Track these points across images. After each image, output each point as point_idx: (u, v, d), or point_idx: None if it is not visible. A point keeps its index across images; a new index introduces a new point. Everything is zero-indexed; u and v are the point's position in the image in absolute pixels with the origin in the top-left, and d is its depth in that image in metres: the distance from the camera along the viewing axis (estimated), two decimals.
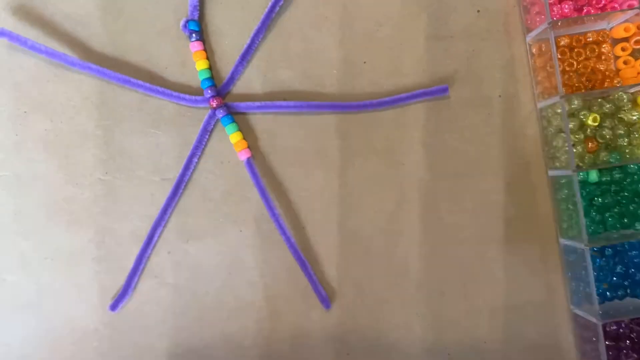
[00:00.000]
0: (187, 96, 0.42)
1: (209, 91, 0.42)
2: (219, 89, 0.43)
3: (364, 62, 0.44)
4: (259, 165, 0.43)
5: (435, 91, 0.42)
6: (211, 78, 0.42)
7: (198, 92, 0.43)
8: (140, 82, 0.42)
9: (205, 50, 0.43)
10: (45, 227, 0.43)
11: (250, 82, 0.43)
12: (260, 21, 0.42)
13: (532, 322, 0.43)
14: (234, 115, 0.43)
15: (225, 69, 0.43)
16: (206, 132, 0.42)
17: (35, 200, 0.43)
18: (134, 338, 0.43)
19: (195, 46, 0.42)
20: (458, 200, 0.43)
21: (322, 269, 0.43)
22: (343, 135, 0.43)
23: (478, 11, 0.44)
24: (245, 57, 0.43)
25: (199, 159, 0.43)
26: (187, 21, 0.42)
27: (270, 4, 0.42)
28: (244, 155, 0.42)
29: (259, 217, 0.43)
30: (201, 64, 0.42)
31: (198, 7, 0.42)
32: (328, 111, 0.43)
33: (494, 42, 0.44)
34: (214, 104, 0.42)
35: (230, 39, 0.43)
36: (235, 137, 0.42)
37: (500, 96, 0.44)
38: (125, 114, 0.43)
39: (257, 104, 0.42)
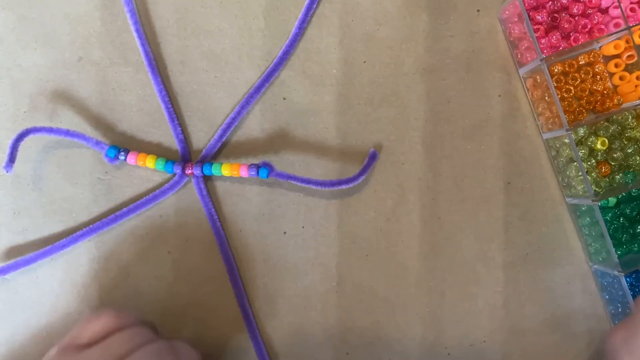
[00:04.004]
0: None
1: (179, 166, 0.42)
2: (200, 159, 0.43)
3: (364, 62, 0.44)
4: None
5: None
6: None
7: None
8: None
9: None
10: (45, 227, 0.43)
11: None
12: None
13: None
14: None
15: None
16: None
17: (35, 200, 0.43)
18: None
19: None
20: (458, 200, 0.43)
21: (321, 269, 0.43)
22: (343, 135, 0.43)
23: (478, 10, 0.44)
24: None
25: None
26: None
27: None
28: (244, 170, 0.42)
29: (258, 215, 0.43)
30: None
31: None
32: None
33: (493, 42, 0.44)
34: (189, 172, 0.42)
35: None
36: (225, 171, 0.42)
37: (500, 96, 0.44)
38: (124, 114, 0.43)
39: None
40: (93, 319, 0.36)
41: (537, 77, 0.42)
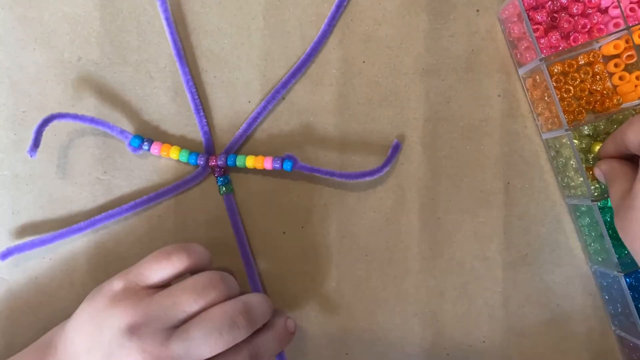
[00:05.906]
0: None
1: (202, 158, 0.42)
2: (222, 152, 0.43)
3: (363, 62, 0.44)
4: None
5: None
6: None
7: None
8: None
9: None
10: (44, 227, 0.43)
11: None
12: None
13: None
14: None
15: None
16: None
17: (34, 199, 0.43)
18: None
19: None
20: (458, 200, 0.43)
21: (321, 269, 0.43)
22: (342, 135, 0.43)
23: (477, 10, 0.44)
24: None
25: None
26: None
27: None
28: (269, 163, 0.41)
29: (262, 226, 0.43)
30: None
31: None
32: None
33: (493, 42, 0.44)
34: (212, 164, 0.42)
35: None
36: (249, 163, 0.42)
37: (499, 96, 0.44)
38: (124, 113, 0.43)
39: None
40: (163, 259, 0.35)
41: (537, 77, 0.42)
